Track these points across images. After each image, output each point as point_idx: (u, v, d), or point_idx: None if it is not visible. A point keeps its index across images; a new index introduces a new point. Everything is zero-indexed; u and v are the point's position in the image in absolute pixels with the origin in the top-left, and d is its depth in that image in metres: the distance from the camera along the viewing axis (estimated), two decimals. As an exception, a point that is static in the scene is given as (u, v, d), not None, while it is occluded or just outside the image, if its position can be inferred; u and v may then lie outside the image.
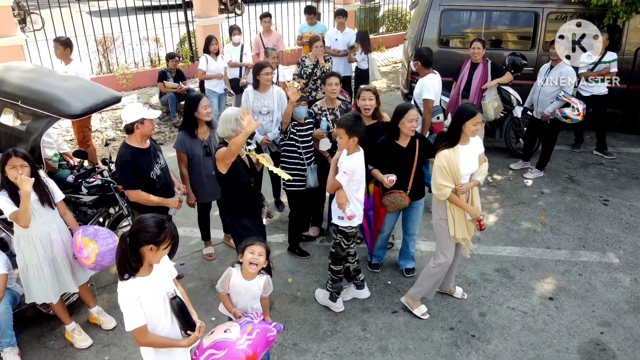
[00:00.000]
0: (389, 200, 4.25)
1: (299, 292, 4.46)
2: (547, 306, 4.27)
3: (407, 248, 4.63)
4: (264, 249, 3.17)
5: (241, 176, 3.83)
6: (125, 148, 3.80)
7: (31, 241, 3.58)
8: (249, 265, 3.16)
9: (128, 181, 3.83)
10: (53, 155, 4.57)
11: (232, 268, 3.30)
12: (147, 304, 2.60)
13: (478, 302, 4.32)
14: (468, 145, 3.75)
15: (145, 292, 2.58)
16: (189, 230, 5.39)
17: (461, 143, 3.72)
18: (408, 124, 4.03)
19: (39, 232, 3.59)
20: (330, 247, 4.14)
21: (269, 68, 5.02)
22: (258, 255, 3.15)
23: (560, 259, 4.88)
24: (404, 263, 4.71)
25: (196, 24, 9.88)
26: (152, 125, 3.83)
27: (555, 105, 6.09)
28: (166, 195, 4.01)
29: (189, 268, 4.81)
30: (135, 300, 2.56)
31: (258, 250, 3.16)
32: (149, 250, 2.53)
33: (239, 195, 3.91)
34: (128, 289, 2.56)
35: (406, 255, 4.68)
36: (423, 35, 7.56)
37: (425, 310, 4.16)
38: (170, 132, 8.02)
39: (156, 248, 2.54)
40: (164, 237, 2.55)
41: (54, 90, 4.13)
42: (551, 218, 5.58)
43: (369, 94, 4.46)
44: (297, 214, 4.84)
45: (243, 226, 3.95)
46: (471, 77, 6.42)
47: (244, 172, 3.86)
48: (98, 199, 4.56)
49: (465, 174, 3.76)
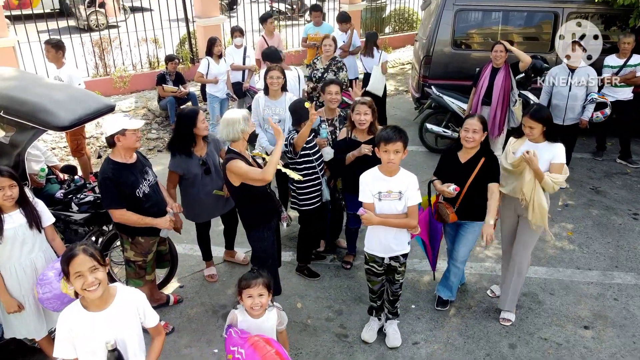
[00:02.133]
0: (436, 208, 3.94)
1: (310, 320, 4.07)
2: (582, 336, 3.88)
3: (448, 274, 4.09)
4: (263, 287, 2.77)
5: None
6: (108, 163, 3.42)
7: (13, 271, 3.19)
8: (252, 310, 2.79)
9: (110, 200, 3.42)
10: (40, 170, 4.18)
11: (236, 310, 2.90)
12: (80, 342, 2.36)
13: (507, 331, 3.94)
14: (539, 145, 3.66)
15: (82, 328, 2.36)
16: (189, 247, 5.01)
17: (531, 140, 3.69)
18: (463, 133, 3.69)
19: (23, 260, 3.21)
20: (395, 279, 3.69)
21: (276, 71, 4.65)
22: (258, 297, 2.76)
23: (593, 281, 4.50)
24: (439, 289, 4.20)
25: (197, 24, 9.50)
26: (135, 137, 3.41)
27: (591, 108, 5.79)
28: (157, 215, 3.61)
29: (189, 291, 4.42)
30: (66, 331, 2.36)
31: (257, 292, 2.76)
32: (66, 282, 2.37)
33: (252, 202, 3.61)
34: (65, 315, 2.38)
35: (444, 283, 4.15)
36: (436, 37, 7.17)
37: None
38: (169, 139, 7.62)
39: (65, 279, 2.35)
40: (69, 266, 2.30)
41: (40, 100, 3.74)
42: (578, 234, 5.19)
43: (364, 107, 4.04)
44: (309, 232, 4.45)
45: (258, 237, 3.69)
46: (492, 83, 6.03)
47: None
48: (90, 216, 4.19)
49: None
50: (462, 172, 3.76)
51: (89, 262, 2.31)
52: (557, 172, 3.63)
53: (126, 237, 3.64)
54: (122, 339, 2.42)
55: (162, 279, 4.36)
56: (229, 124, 3.51)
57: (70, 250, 2.35)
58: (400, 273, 3.65)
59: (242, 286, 2.78)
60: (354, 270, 4.67)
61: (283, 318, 2.96)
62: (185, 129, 3.93)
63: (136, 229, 3.57)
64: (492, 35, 7.27)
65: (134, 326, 2.50)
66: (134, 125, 3.39)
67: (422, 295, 4.34)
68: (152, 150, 7.26)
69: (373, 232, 3.54)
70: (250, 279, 2.77)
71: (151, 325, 2.60)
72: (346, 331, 3.95)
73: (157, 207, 3.65)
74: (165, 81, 7.84)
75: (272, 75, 4.70)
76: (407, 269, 4.62)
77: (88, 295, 2.33)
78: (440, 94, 6.86)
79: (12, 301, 3.18)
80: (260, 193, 3.64)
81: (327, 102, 4.46)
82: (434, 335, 3.90)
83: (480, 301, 4.25)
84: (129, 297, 2.50)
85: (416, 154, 7.04)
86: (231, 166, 3.46)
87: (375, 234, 3.53)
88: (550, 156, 3.65)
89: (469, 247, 3.95)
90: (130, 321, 2.47)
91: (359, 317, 4.09)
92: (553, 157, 3.64)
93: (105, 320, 2.38)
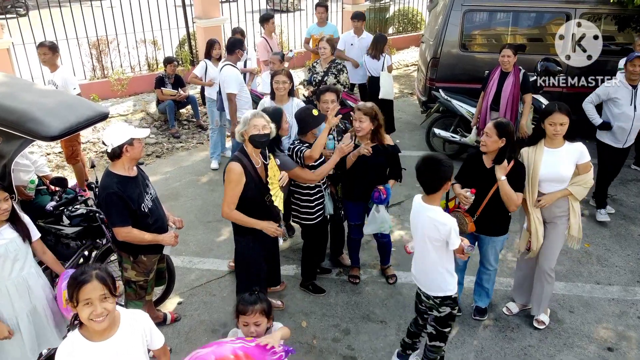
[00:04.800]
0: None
1: (315, 340, 3.84)
2: (606, 359, 3.64)
3: (480, 281, 3.98)
4: (260, 315, 2.53)
5: (250, 190, 3.33)
6: (111, 177, 3.17)
7: (5, 290, 2.97)
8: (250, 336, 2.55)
9: (117, 217, 3.18)
10: (29, 182, 3.94)
11: (237, 330, 2.68)
12: None
13: (525, 353, 3.70)
14: (558, 148, 3.50)
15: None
16: (188, 260, 4.78)
17: (547, 144, 3.51)
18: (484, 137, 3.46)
19: (15, 278, 2.99)
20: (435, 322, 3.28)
21: (282, 76, 4.43)
22: (254, 326, 2.53)
23: (614, 297, 4.26)
24: (476, 299, 4.06)
25: (196, 25, 9.26)
26: (141, 147, 3.24)
27: None
28: (160, 230, 3.38)
29: (187, 308, 4.18)
30: None
31: (252, 320, 2.52)
32: (72, 307, 2.12)
33: (247, 211, 3.39)
34: (65, 349, 2.15)
35: (478, 291, 4.03)
36: (443, 38, 6.93)
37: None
38: (168, 143, 7.41)
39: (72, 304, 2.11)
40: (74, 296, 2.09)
41: (29, 107, 3.49)
42: (596, 246, 4.95)
43: (359, 114, 3.84)
44: (312, 248, 4.22)
45: (244, 245, 3.49)
46: (501, 88, 5.78)
47: (255, 185, 3.36)
48: (82, 230, 3.96)
49: (546, 178, 3.51)
50: (486, 177, 3.53)
51: (100, 290, 2.09)
52: (586, 171, 3.50)
53: (127, 256, 3.40)
54: None
55: (159, 296, 4.12)
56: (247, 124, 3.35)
57: (82, 274, 2.11)
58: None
59: (239, 311, 2.56)
60: (361, 285, 4.43)
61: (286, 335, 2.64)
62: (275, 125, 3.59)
63: (139, 248, 3.35)
64: (502, 36, 7.04)
65: (141, 352, 2.30)
66: (141, 134, 3.21)
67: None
68: (151, 155, 7.03)
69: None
70: (246, 304, 2.54)
71: (158, 347, 2.41)
72: (354, 353, 3.72)
73: (160, 222, 3.43)
74: (164, 84, 7.63)
75: (278, 79, 4.47)
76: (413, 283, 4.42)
77: (93, 326, 2.11)
78: (449, 97, 6.62)
79: (2, 327, 2.95)
80: (256, 204, 3.41)
81: (322, 111, 4.20)
82: (448, 358, 3.66)
83: (496, 319, 4.02)
84: (135, 322, 2.29)
85: (423, 159, 6.80)
86: (229, 168, 3.33)
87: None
88: (575, 157, 3.49)
89: (494, 254, 3.82)
90: (137, 348, 2.26)
91: (368, 337, 3.85)
92: (579, 157, 3.48)
93: (111, 350, 2.16)
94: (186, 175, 6.50)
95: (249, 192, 3.36)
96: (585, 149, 3.52)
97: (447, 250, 3.00)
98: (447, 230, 2.90)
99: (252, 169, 3.38)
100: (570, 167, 3.51)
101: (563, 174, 3.52)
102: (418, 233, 3.09)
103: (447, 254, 3.03)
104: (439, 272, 3.06)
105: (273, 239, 3.65)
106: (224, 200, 3.38)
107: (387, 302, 4.23)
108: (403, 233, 5.18)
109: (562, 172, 3.51)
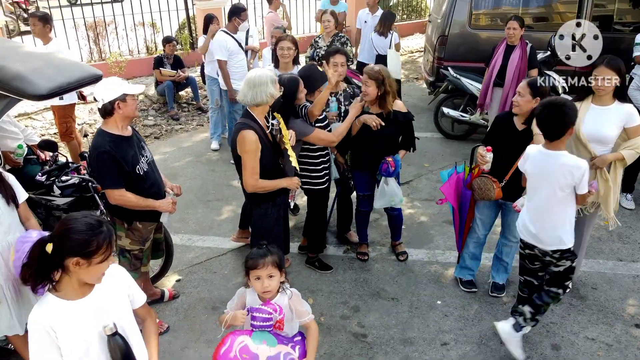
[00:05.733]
0: (477, 183, 3.46)
1: (323, 317, 3.60)
2: (634, 336, 3.40)
3: (500, 254, 3.75)
4: (272, 267, 2.30)
5: (264, 156, 3.15)
6: (103, 136, 2.92)
7: None
8: (262, 293, 2.33)
9: (109, 179, 2.93)
10: (17, 147, 3.70)
11: (246, 289, 2.44)
12: (67, 340, 1.84)
13: (548, 330, 3.46)
14: (606, 106, 3.25)
15: (65, 322, 1.84)
16: (187, 238, 4.54)
17: (594, 101, 3.28)
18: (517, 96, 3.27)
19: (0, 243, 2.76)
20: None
21: (286, 42, 4.23)
22: (267, 279, 2.29)
23: (639, 274, 4.02)
24: (494, 275, 3.84)
25: (196, 7, 9.01)
26: (135, 104, 2.98)
27: None
28: (156, 196, 3.14)
29: (186, 286, 3.94)
30: (44, 335, 1.81)
31: (265, 273, 2.29)
32: (74, 265, 1.77)
33: (262, 176, 3.20)
34: (38, 315, 1.83)
35: (497, 266, 3.81)
36: (452, 16, 6.69)
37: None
38: (167, 125, 7.17)
39: (86, 262, 1.78)
40: (97, 247, 1.77)
41: (15, 66, 3.25)
42: (616, 223, 4.70)
43: (365, 77, 3.63)
44: (320, 216, 3.98)
45: (261, 213, 3.32)
46: (506, 63, 5.52)
47: (268, 150, 3.20)
48: (74, 201, 3.73)
49: (588, 137, 3.24)
50: (517, 140, 3.29)
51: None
52: (636, 135, 3.23)
53: (121, 223, 3.16)
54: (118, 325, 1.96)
55: (156, 272, 3.88)
56: (256, 85, 3.10)
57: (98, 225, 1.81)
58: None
59: (249, 266, 2.31)
60: (370, 263, 4.19)
61: (302, 305, 2.43)
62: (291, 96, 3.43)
63: (134, 214, 3.10)
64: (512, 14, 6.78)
65: (127, 309, 2.05)
66: (135, 90, 2.97)
67: (448, 290, 3.86)
68: (149, 137, 6.79)
69: None
70: (257, 257, 2.30)
71: (140, 305, 2.15)
72: (365, 330, 3.48)
73: (156, 187, 3.19)
74: (162, 65, 7.39)
75: (283, 46, 4.27)
76: (430, 262, 4.19)
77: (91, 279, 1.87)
78: (458, 75, 6.37)
79: None
80: (270, 168, 3.22)
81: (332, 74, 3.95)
82: (465, 335, 3.43)
83: (514, 296, 3.77)
84: (116, 275, 2.04)
85: (431, 140, 6.57)
86: (243, 137, 3.09)
87: None
88: (623, 118, 3.22)
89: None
90: (121, 303, 2.02)
91: (379, 314, 3.62)
92: (627, 119, 3.22)
93: (93, 307, 1.90)
94: (185, 155, 6.26)
95: (265, 157, 3.18)
96: (635, 111, 3.24)
97: (572, 199, 2.87)
98: (581, 174, 2.75)
99: (264, 134, 3.19)
100: (614, 128, 3.22)
101: (606, 134, 3.23)
102: (545, 184, 2.87)
103: (572, 203, 2.90)
104: (564, 224, 2.90)
105: (285, 206, 3.50)
106: (244, 173, 3.17)
107: (398, 279, 3.99)
108: (413, 212, 4.94)
109: (605, 132, 3.22)
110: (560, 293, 3.05)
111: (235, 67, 5.66)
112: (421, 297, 3.79)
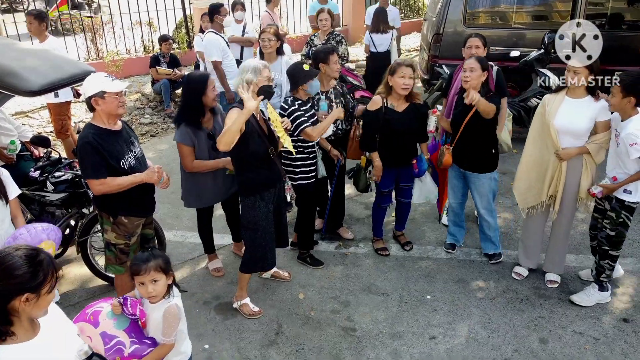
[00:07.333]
0: (440, 152, 3.88)
1: (313, 312, 3.63)
2: (622, 330, 3.43)
3: (482, 228, 4.11)
4: (156, 271, 2.22)
5: (254, 143, 3.15)
6: (89, 128, 2.93)
7: None
8: (148, 299, 2.29)
9: (90, 168, 2.90)
10: (10, 143, 3.74)
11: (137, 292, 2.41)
12: None
13: (535, 324, 3.49)
14: (579, 99, 3.37)
15: None
16: (180, 234, 4.57)
17: (570, 94, 3.40)
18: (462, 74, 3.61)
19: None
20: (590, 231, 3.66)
21: (268, 33, 4.34)
22: (151, 284, 2.23)
23: (628, 269, 4.04)
24: (483, 246, 4.18)
25: (193, 6, 9.06)
26: (117, 102, 2.89)
27: None
28: (142, 193, 3.15)
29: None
30: None
31: (148, 278, 2.22)
32: (23, 302, 1.58)
33: (251, 166, 3.21)
34: None
35: (483, 238, 4.14)
36: (447, 15, 6.72)
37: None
38: (163, 123, 7.20)
39: (35, 296, 1.59)
40: (44, 276, 1.60)
41: (8, 62, 3.31)
42: (607, 219, 4.73)
43: (409, 70, 3.63)
44: (309, 213, 4.01)
45: (249, 204, 3.29)
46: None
47: (259, 139, 3.19)
48: (67, 197, 3.77)
49: (560, 129, 3.40)
50: (463, 112, 3.66)
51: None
52: (604, 130, 3.34)
53: (107, 217, 3.18)
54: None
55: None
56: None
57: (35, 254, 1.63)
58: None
59: (132, 272, 2.26)
60: (361, 258, 4.23)
61: (171, 324, 2.28)
62: (194, 98, 3.45)
63: (119, 207, 3.10)
64: (507, 11, 6.82)
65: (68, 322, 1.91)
66: (114, 87, 2.87)
67: (438, 285, 3.89)
68: (145, 135, 6.83)
69: None
70: (139, 263, 2.24)
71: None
72: (354, 324, 3.51)
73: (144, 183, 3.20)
74: (159, 63, 7.43)
75: (264, 37, 4.37)
76: (421, 257, 4.22)
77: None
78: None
79: None
80: (260, 158, 3.23)
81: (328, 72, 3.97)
82: (453, 329, 3.46)
83: (504, 291, 3.81)
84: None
85: (426, 138, 6.59)
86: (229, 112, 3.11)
87: None
88: (594, 113, 3.33)
89: (485, 196, 3.90)
90: (64, 318, 1.87)
91: (368, 309, 3.65)
92: (598, 113, 3.32)
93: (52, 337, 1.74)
94: (181, 153, 6.29)
95: (253, 145, 3.18)
96: (607, 106, 3.33)
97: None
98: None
99: (255, 121, 3.22)
100: (586, 121, 3.35)
101: (577, 127, 3.36)
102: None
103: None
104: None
105: (277, 198, 3.47)
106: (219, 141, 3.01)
107: (388, 274, 4.02)
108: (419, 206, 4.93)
109: (577, 125, 3.35)
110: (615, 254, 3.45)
111: (228, 66, 5.67)
112: (411, 292, 3.82)
